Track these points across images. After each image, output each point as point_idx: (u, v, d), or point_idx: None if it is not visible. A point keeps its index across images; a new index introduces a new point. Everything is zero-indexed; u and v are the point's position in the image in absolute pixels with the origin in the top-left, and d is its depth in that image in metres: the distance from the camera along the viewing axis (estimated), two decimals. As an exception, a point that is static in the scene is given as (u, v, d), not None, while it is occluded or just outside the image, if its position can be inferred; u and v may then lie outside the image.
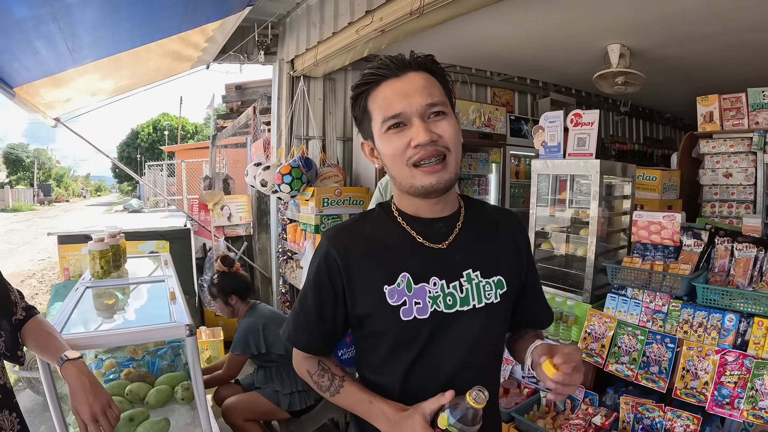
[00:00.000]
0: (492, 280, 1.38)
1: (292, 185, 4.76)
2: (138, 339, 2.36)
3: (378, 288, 1.35)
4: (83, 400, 1.67)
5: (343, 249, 1.40)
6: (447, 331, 1.34)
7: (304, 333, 1.47)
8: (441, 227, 1.39)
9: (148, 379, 2.63)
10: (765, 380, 2.32)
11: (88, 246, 3.13)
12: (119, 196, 54.82)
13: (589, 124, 3.25)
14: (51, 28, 3.13)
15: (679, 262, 2.82)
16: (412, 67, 1.33)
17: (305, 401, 3.64)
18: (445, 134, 1.29)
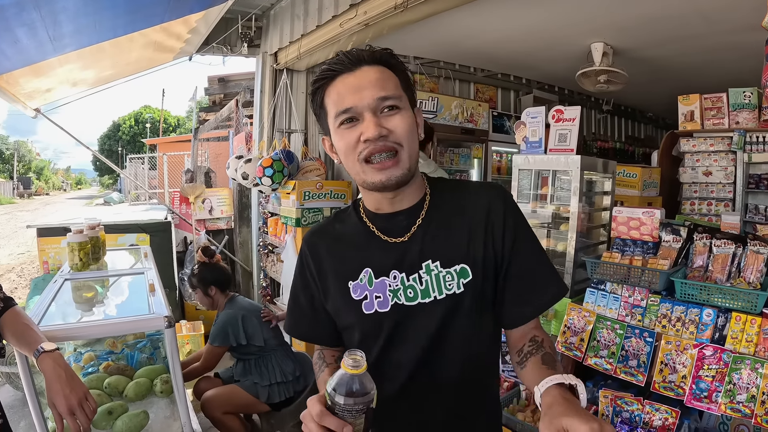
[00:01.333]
0: (454, 270, 1.34)
1: (273, 178, 4.74)
2: (116, 331, 2.35)
3: (344, 284, 1.39)
4: (59, 392, 1.65)
5: (315, 248, 1.47)
6: (409, 324, 1.34)
7: (302, 325, 1.54)
8: (402, 220, 1.39)
9: (127, 372, 2.61)
10: (743, 374, 2.34)
11: (67, 238, 3.10)
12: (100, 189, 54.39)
13: (571, 120, 3.27)
14: (33, 16, 3.09)
15: (658, 258, 2.84)
16: (365, 62, 1.30)
17: (285, 393, 3.63)
18: (396, 129, 1.27)
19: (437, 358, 1.37)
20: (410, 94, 1.34)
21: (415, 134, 1.31)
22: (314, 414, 1.06)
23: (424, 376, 1.36)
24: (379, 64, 1.31)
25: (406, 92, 1.32)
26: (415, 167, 1.33)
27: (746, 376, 2.33)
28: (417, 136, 1.32)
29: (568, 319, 3.03)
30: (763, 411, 2.23)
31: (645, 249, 3.00)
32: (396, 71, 1.33)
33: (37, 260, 11.28)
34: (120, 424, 2.17)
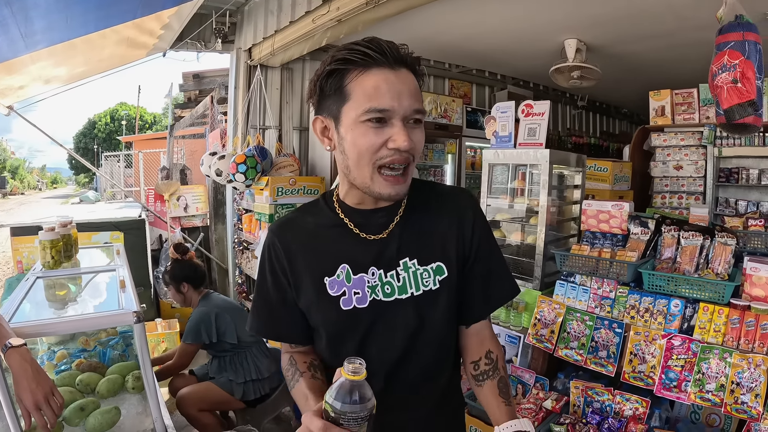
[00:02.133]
0: (430, 267, 1.37)
1: (246, 174, 4.73)
2: (85, 326, 2.34)
3: (319, 279, 1.37)
4: (26, 387, 1.64)
5: (285, 241, 1.42)
6: (386, 320, 1.35)
7: (271, 323, 1.48)
8: (381, 217, 1.39)
9: (99, 370, 2.60)
10: (711, 364, 2.39)
11: (39, 236, 3.08)
12: (76, 188, 53.76)
13: (540, 114, 3.30)
14: (4, 12, 3.06)
15: (626, 250, 2.89)
16: (407, 65, 1.27)
17: (260, 390, 3.63)
18: (418, 143, 1.27)
19: (412, 352, 1.38)
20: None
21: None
22: (316, 428, 1.04)
23: (401, 370, 1.37)
24: (414, 72, 1.29)
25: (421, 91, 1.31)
26: None
27: (715, 366, 2.38)
28: None
29: (539, 312, 3.06)
30: (732, 399, 2.29)
31: (614, 241, 3.05)
32: (420, 83, 1.31)
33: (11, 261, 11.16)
34: (92, 420, 2.16)
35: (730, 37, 2.64)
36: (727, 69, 2.62)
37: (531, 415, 2.79)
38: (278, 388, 3.73)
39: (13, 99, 5.56)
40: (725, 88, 2.63)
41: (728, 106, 2.64)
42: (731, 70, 2.61)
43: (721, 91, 2.65)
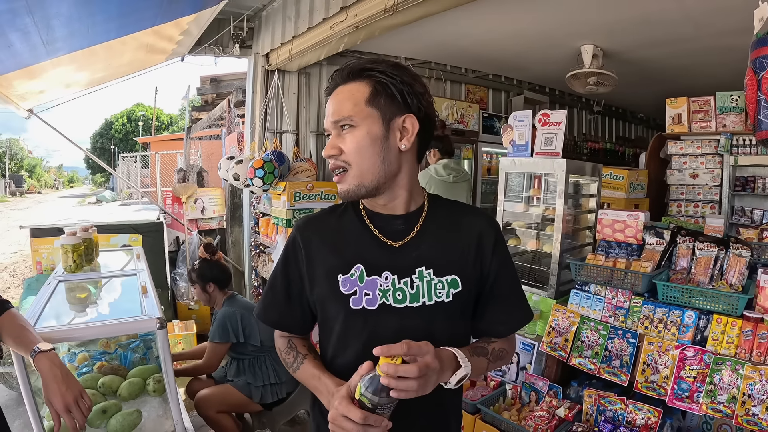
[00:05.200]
0: (445, 279, 1.40)
1: (264, 179, 4.78)
2: (110, 332, 2.39)
3: (333, 276, 1.42)
4: (56, 390, 1.69)
5: (308, 237, 1.49)
6: (394, 325, 1.38)
7: (273, 311, 1.56)
8: (399, 224, 1.44)
9: (120, 372, 2.65)
10: (723, 375, 2.40)
11: (61, 240, 3.14)
12: (92, 187, 54.11)
13: (557, 124, 3.32)
14: (26, 21, 3.13)
15: (641, 260, 2.90)
16: (341, 82, 1.39)
17: (277, 394, 3.68)
18: (345, 148, 1.36)
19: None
20: (385, 104, 1.36)
21: (375, 148, 1.35)
22: (356, 418, 1.16)
23: None
24: (353, 80, 1.37)
25: (375, 103, 1.35)
26: (381, 179, 1.38)
27: (727, 377, 2.39)
28: (380, 150, 1.36)
29: (553, 320, 3.09)
30: (744, 411, 2.29)
31: (629, 251, 3.06)
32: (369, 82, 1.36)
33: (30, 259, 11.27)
34: (114, 422, 2.21)
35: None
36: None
37: (544, 423, 2.81)
38: (294, 392, 3.77)
39: (33, 102, 5.63)
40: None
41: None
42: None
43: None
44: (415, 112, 1.36)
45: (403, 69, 1.38)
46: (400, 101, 1.36)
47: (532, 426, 2.81)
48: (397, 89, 1.35)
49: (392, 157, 1.37)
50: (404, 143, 1.37)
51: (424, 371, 1.17)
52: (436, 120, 1.45)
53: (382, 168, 1.36)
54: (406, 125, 1.36)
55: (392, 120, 1.36)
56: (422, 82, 1.41)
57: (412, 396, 1.17)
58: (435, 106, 1.45)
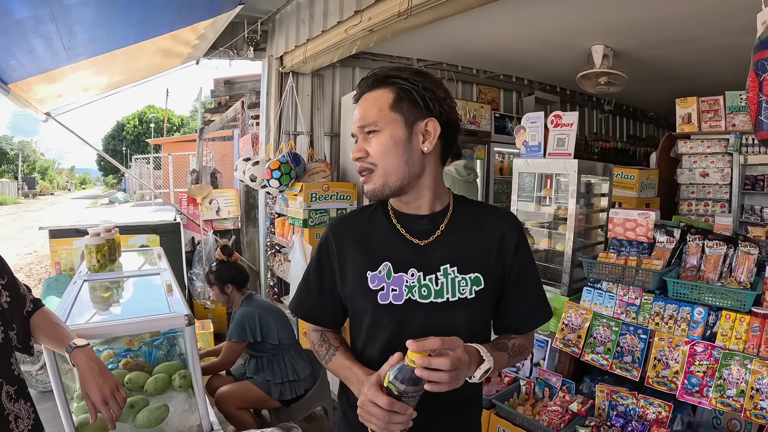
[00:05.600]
0: (468, 277, 1.47)
1: (281, 180, 4.86)
2: (140, 329, 2.48)
3: (362, 272, 1.51)
4: (93, 383, 1.76)
5: (340, 236, 1.58)
6: (419, 319, 1.45)
7: (307, 305, 1.66)
8: (425, 224, 1.51)
9: (145, 369, 2.74)
10: (732, 370, 2.45)
11: (85, 240, 3.22)
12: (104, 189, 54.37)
13: (569, 125, 3.38)
14: (49, 27, 3.22)
15: (652, 258, 2.96)
16: (366, 90, 1.47)
17: (295, 391, 3.76)
18: (371, 150, 1.45)
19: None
20: (408, 109, 1.43)
21: (398, 150, 1.43)
22: (383, 404, 1.24)
23: None
24: (378, 87, 1.45)
25: (398, 109, 1.43)
26: (405, 180, 1.45)
27: (736, 372, 2.44)
28: (403, 152, 1.43)
29: (566, 317, 3.15)
30: (752, 405, 2.35)
31: (640, 249, 3.12)
32: (393, 88, 1.44)
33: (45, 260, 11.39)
34: (142, 416, 2.29)
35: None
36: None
37: (557, 417, 2.87)
38: (311, 389, 3.85)
39: (52, 106, 5.73)
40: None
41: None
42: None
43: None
44: (436, 116, 1.43)
45: (425, 75, 1.45)
46: (422, 106, 1.42)
47: (546, 420, 2.88)
48: (419, 95, 1.42)
49: (415, 158, 1.44)
50: (426, 146, 1.43)
51: (456, 364, 1.23)
52: (459, 123, 1.52)
53: (406, 169, 1.44)
54: (429, 128, 1.43)
55: (415, 124, 1.43)
56: (444, 87, 1.48)
57: (444, 389, 1.24)
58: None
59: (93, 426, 2.17)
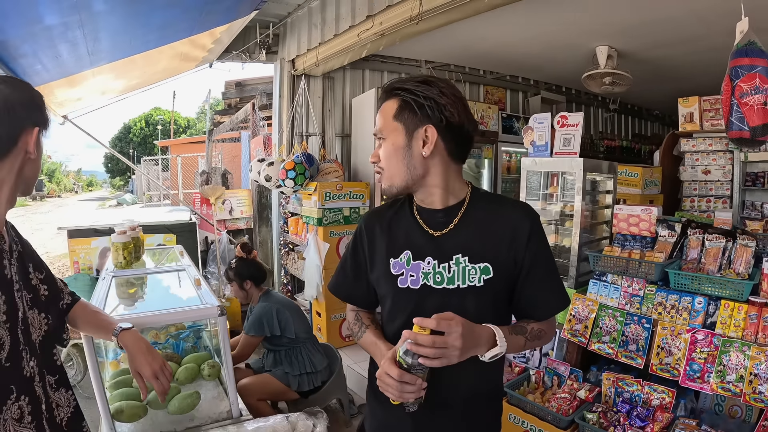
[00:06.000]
0: (478, 266, 1.59)
1: (295, 180, 5.01)
2: (177, 319, 2.64)
3: (386, 259, 1.67)
4: (143, 361, 1.90)
5: (370, 227, 1.75)
6: (433, 303, 1.58)
7: (343, 287, 1.84)
8: (440, 217, 1.65)
9: (175, 359, 2.87)
10: (731, 356, 2.60)
11: (112, 238, 3.36)
12: (111, 191, 54.48)
13: (575, 125, 3.52)
14: (76, 33, 3.37)
15: (654, 251, 3.11)
16: (382, 99, 1.64)
17: (313, 383, 3.89)
18: (380, 155, 1.63)
19: None
20: (408, 117, 1.58)
21: (399, 156, 1.60)
22: (394, 375, 1.42)
23: None
24: (387, 98, 1.62)
25: (401, 118, 1.58)
26: (407, 181, 1.62)
27: (735, 358, 2.59)
28: (403, 157, 1.59)
29: (573, 308, 3.29)
30: (751, 390, 2.49)
31: (643, 243, 3.26)
32: (397, 99, 1.60)
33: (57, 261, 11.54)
34: (175, 403, 2.43)
35: (756, 62, 2.83)
36: (760, 91, 2.80)
37: (566, 404, 3.01)
38: (328, 381, 3.99)
39: (70, 109, 5.87)
40: (756, 108, 2.81)
41: (756, 124, 2.82)
42: (764, 93, 2.79)
43: (750, 109, 2.82)
44: (435, 122, 1.55)
45: (430, 84, 1.57)
46: (422, 114, 1.56)
47: (555, 407, 3.02)
48: (418, 104, 1.55)
49: (416, 162, 1.58)
50: (425, 150, 1.57)
51: (439, 344, 1.37)
52: (465, 124, 1.61)
53: (407, 172, 1.59)
54: (427, 134, 1.56)
55: (415, 131, 1.57)
56: (451, 93, 1.59)
57: (436, 364, 1.40)
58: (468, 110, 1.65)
59: (128, 413, 2.32)
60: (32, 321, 1.64)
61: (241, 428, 2.33)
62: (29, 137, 1.49)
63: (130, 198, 30.94)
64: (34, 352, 1.59)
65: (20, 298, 1.56)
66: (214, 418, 2.45)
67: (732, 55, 2.89)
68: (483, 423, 1.71)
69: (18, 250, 1.64)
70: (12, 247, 1.59)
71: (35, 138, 1.51)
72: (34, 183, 1.61)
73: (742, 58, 2.87)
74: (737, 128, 2.87)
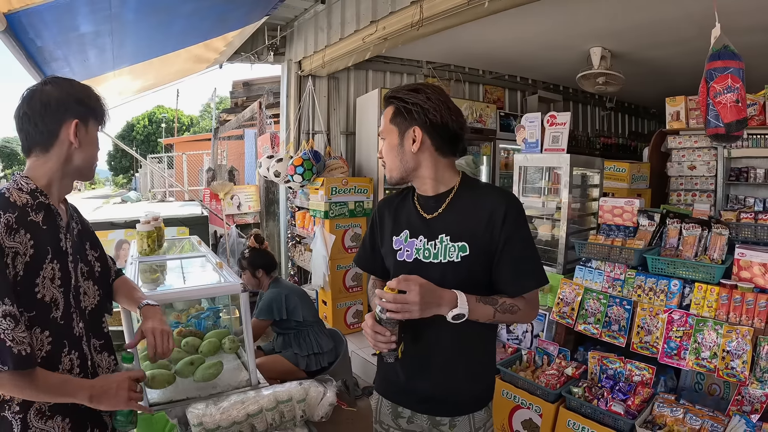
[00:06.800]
0: (457, 244, 1.82)
1: (303, 176, 5.29)
2: (205, 294, 3.01)
3: (391, 237, 1.97)
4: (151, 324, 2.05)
5: (382, 211, 2.06)
6: (421, 274, 1.77)
7: (363, 260, 2.16)
8: (432, 203, 1.92)
9: (197, 335, 3.16)
10: (705, 335, 2.85)
11: (137, 228, 3.64)
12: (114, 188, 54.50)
13: (562, 124, 3.80)
14: (105, 40, 3.65)
15: (635, 239, 3.38)
16: (385, 105, 1.93)
17: (320, 363, 4.16)
18: (383, 152, 1.92)
19: None
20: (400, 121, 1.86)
21: (394, 152, 1.88)
22: (369, 325, 1.72)
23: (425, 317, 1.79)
24: (388, 104, 1.91)
25: (394, 122, 1.86)
26: (402, 173, 1.90)
27: (708, 336, 2.84)
28: (397, 154, 1.88)
29: (561, 292, 3.57)
30: (724, 365, 2.74)
31: (627, 233, 3.54)
32: (393, 106, 1.89)
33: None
34: (200, 372, 2.71)
35: (729, 64, 3.10)
36: (731, 90, 3.06)
37: (554, 379, 3.27)
38: (334, 362, 4.25)
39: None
40: (728, 106, 3.07)
41: (729, 121, 3.08)
42: (734, 92, 3.05)
43: (723, 108, 3.08)
44: (420, 123, 1.83)
45: (417, 92, 1.85)
46: (410, 117, 1.84)
47: (544, 382, 3.28)
48: (407, 109, 1.83)
49: (408, 157, 1.87)
50: (414, 147, 1.84)
51: (400, 300, 1.65)
52: (448, 124, 1.85)
53: (401, 165, 1.88)
54: (415, 134, 1.84)
55: (405, 132, 1.85)
56: (435, 98, 1.84)
57: (398, 317, 1.66)
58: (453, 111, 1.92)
59: (158, 379, 2.60)
60: (86, 290, 1.91)
61: (259, 393, 2.62)
62: (69, 129, 1.72)
63: (134, 195, 31.02)
64: (83, 316, 1.86)
65: (74, 268, 1.82)
66: (234, 386, 2.73)
67: (708, 59, 3.16)
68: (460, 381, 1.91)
69: (78, 228, 1.92)
70: (70, 224, 1.85)
71: (74, 129, 1.72)
72: (90, 168, 1.86)
73: (716, 61, 3.13)
74: (713, 125, 3.12)
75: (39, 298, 1.65)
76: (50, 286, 1.69)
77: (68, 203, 1.91)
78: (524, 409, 3.31)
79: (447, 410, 1.92)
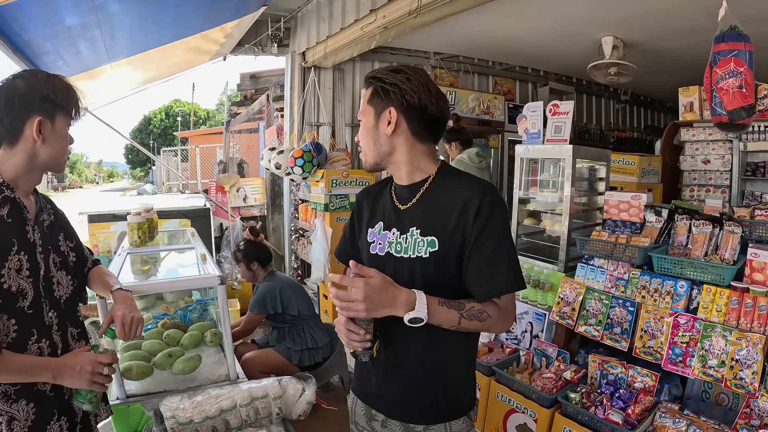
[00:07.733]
0: (426, 239, 1.71)
1: (303, 168, 5.20)
2: (180, 286, 2.94)
3: (366, 229, 1.87)
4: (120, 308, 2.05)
5: (361, 201, 1.96)
6: (392, 268, 1.73)
7: (343, 251, 2.03)
8: (406, 193, 1.80)
9: (181, 328, 3.14)
10: (713, 341, 2.66)
11: (128, 219, 3.57)
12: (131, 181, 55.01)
13: (565, 113, 3.64)
14: (94, 33, 3.61)
15: (641, 236, 3.21)
16: (365, 86, 1.83)
17: (314, 358, 4.08)
18: (359, 134, 1.82)
19: None
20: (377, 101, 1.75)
21: (368, 135, 1.78)
22: (342, 322, 1.62)
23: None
24: (367, 86, 1.80)
25: (371, 102, 1.76)
26: (376, 157, 1.79)
27: (716, 343, 2.64)
28: (371, 136, 1.77)
29: (562, 291, 3.41)
30: (732, 375, 2.53)
31: (633, 229, 3.36)
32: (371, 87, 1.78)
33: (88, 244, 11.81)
34: (178, 364, 2.67)
35: (734, 46, 2.92)
36: (734, 75, 2.88)
37: (551, 383, 3.12)
38: (329, 357, 4.16)
39: (90, 101, 6.07)
40: (731, 92, 2.90)
41: (733, 108, 2.91)
42: (738, 77, 2.88)
43: (726, 93, 2.91)
44: (397, 105, 1.70)
45: (396, 72, 1.73)
46: (386, 98, 1.72)
47: (540, 386, 3.12)
48: (384, 90, 1.72)
49: (382, 140, 1.74)
50: (389, 129, 1.72)
51: (342, 298, 1.54)
52: (428, 107, 1.72)
53: (375, 149, 1.77)
54: (391, 115, 1.71)
55: (381, 113, 1.73)
56: (416, 80, 1.71)
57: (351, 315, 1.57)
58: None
59: (136, 371, 2.57)
60: (60, 280, 1.93)
61: (236, 387, 2.57)
62: (32, 126, 1.72)
63: (150, 188, 31.31)
64: (56, 306, 1.88)
65: (44, 259, 1.84)
66: (213, 380, 2.70)
67: (713, 42, 2.98)
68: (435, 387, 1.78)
69: (51, 220, 1.94)
70: (39, 216, 1.87)
71: (36, 127, 1.72)
72: (58, 163, 1.86)
73: (720, 44, 2.97)
74: (717, 113, 2.96)
75: (5, 288, 1.68)
76: (16, 276, 1.72)
77: (39, 195, 1.94)
78: (519, 414, 3.16)
79: (420, 417, 1.79)
